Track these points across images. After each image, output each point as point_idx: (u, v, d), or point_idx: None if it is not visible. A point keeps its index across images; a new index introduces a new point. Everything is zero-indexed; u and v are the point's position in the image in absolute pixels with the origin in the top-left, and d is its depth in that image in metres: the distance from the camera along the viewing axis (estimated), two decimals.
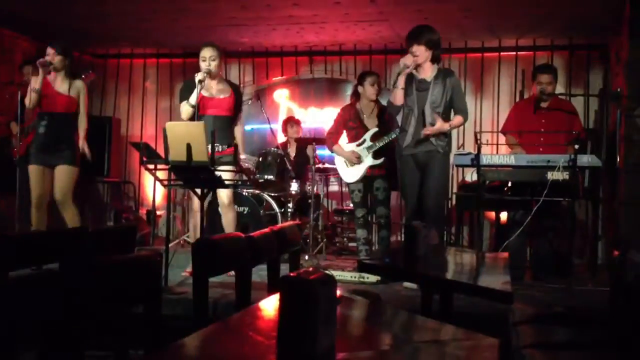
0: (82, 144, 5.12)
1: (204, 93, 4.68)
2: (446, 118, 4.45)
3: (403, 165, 4.60)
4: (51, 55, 5.02)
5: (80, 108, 5.14)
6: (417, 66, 4.47)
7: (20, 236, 3.01)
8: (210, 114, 4.67)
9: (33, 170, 5.03)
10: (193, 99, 4.57)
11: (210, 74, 4.62)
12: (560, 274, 4.61)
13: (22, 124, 5.43)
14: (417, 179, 4.53)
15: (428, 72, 4.50)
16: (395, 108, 4.59)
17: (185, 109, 4.65)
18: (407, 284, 4.35)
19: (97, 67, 8.15)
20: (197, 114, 4.52)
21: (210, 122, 4.50)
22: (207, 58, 4.66)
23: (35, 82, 4.96)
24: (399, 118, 4.86)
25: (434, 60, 4.50)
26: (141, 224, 7.25)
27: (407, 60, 4.39)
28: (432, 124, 4.39)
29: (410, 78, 4.51)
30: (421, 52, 4.41)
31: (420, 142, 4.46)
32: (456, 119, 4.50)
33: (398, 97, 4.48)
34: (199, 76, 4.52)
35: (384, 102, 5.58)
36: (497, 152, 5.38)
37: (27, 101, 5.00)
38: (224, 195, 4.69)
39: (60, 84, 5.08)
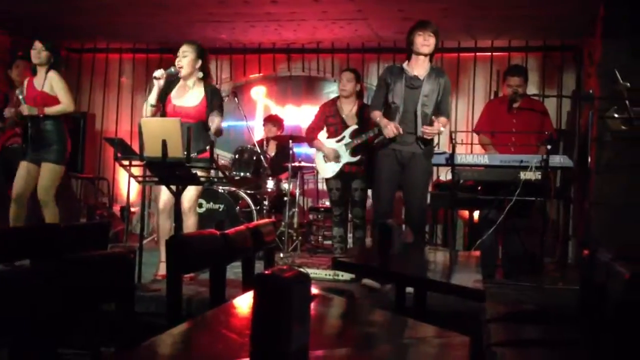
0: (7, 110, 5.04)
1: (174, 99, 4.54)
2: (432, 118, 4.44)
3: (382, 159, 4.48)
4: (37, 49, 4.97)
5: (58, 96, 5.03)
6: (409, 61, 4.42)
7: None
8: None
9: (22, 166, 5.01)
10: (152, 98, 4.44)
11: (177, 73, 4.48)
12: (531, 273, 4.67)
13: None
14: (395, 177, 4.45)
15: (422, 69, 4.43)
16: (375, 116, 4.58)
17: (146, 109, 4.47)
18: (366, 281, 4.34)
19: (72, 62, 8.06)
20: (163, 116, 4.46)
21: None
22: (180, 54, 4.52)
23: (19, 91, 4.99)
24: None
25: (431, 58, 4.45)
26: (115, 221, 7.17)
27: (392, 133, 4.33)
28: (430, 124, 4.36)
29: (400, 73, 4.43)
30: (431, 42, 4.35)
31: (406, 142, 4.39)
32: (444, 120, 4.45)
33: (374, 123, 4.57)
34: (156, 73, 4.39)
35: (365, 100, 5.63)
36: (471, 152, 5.44)
37: (21, 110, 4.99)
38: (185, 199, 4.47)
39: (40, 80, 5.03)
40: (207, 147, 4.45)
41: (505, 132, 5.09)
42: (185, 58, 4.51)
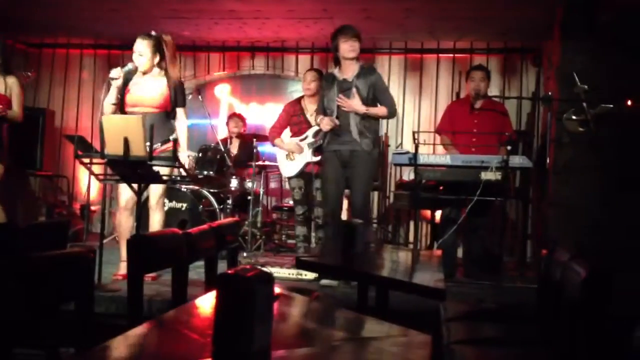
0: None
1: (132, 88, 4.46)
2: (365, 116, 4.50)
3: (326, 160, 4.63)
4: None
5: (13, 104, 4.95)
6: (339, 67, 4.53)
7: None
8: (137, 112, 4.34)
9: None
10: (112, 97, 4.37)
11: (135, 70, 4.41)
12: (491, 272, 4.74)
13: None
14: (340, 177, 4.55)
15: (350, 71, 4.51)
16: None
17: (106, 107, 4.38)
18: (324, 281, 4.38)
19: (31, 57, 7.90)
20: (123, 111, 4.41)
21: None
22: (136, 52, 4.42)
23: None
24: None
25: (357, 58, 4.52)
26: (74, 219, 7.05)
27: (328, 127, 4.48)
28: (366, 122, 4.48)
29: (333, 80, 4.55)
30: (357, 47, 4.46)
31: (345, 141, 4.48)
32: (379, 108, 4.53)
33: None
34: (112, 73, 4.31)
35: None
36: (434, 152, 5.50)
37: None
38: (151, 195, 4.47)
39: None
40: (171, 138, 4.43)
41: (466, 133, 5.16)
42: (142, 57, 4.42)
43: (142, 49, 4.42)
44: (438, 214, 5.48)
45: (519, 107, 7.03)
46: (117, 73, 4.32)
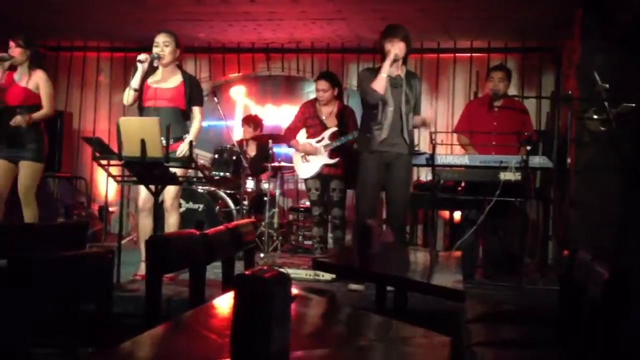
0: (21, 118, 4.84)
1: (150, 82, 4.50)
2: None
3: (369, 161, 4.37)
4: (12, 48, 4.90)
5: (42, 100, 4.98)
6: (393, 63, 4.34)
7: None
8: (152, 105, 4.44)
9: None
10: (135, 82, 4.42)
11: (160, 60, 4.45)
12: (511, 273, 4.70)
13: None
14: (381, 179, 4.40)
15: (400, 70, 4.43)
16: (376, 95, 4.27)
17: (127, 93, 4.44)
18: (352, 286, 4.31)
19: (49, 60, 7.95)
20: (140, 106, 4.45)
21: (153, 114, 4.30)
22: (160, 43, 4.48)
23: None
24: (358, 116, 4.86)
25: (405, 60, 4.45)
26: (93, 221, 7.10)
27: (398, 50, 4.26)
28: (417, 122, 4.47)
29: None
30: (402, 47, 4.31)
31: (394, 142, 4.35)
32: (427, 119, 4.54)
33: (382, 85, 4.23)
34: (140, 56, 4.36)
35: (347, 103, 5.62)
36: (451, 152, 5.46)
37: None
38: (166, 196, 4.46)
39: (21, 77, 4.95)
40: (184, 137, 4.45)
41: (484, 133, 5.12)
42: (168, 47, 4.48)
43: (168, 39, 4.50)
44: (456, 214, 5.44)
45: (538, 106, 6.97)
46: (144, 56, 4.38)
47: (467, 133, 5.29)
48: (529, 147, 4.60)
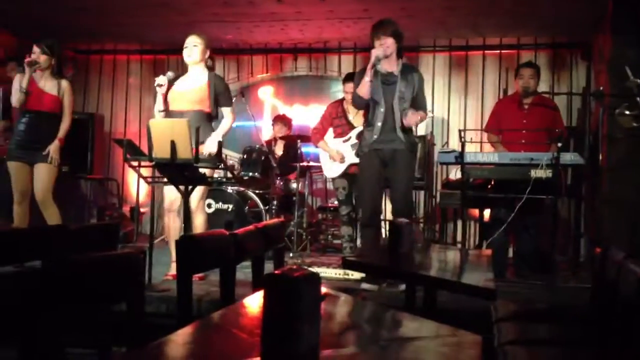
0: (54, 145, 4.96)
1: (176, 86, 4.55)
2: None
3: (365, 160, 4.40)
4: (37, 53, 4.98)
5: (64, 108, 5.07)
6: (385, 58, 4.29)
7: (1, 233, 2.98)
8: (177, 109, 4.47)
9: (13, 166, 4.98)
10: (159, 104, 4.49)
11: (176, 78, 4.52)
12: (542, 271, 4.65)
13: (8, 120, 5.43)
14: (380, 176, 4.38)
15: (394, 65, 4.36)
16: (361, 101, 4.33)
17: (156, 115, 4.53)
18: (365, 285, 4.29)
19: (80, 63, 8.09)
20: (167, 110, 4.50)
21: (179, 117, 4.29)
22: (190, 45, 4.53)
23: (23, 81, 4.92)
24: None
25: (399, 54, 4.37)
26: (125, 222, 7.20)
27: (379, 51, 4.20)
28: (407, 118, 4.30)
29: (375, 73, 4.34)
30: (390, 43, 4.25)
31: (388, 139, 4.31)
32: (422, 114, 4.37)
33: (366, 90, 4.24)
34: (158, 80, 4.40)
35: None
36: (481, 150, 5.41)
37: (13, 100, 4.98)
38: (193, 197, 4.40)
39: (45, 83, 5.02)
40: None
41: (515, 130, 5.07)
42: (197, 47, 4.54)
43: (198, 40, 4.56)
44: (486, 212, 5.39)
45: (569, 103, 6.87)
46: (162, 80, 4.41)
47: (497, 131, 5.24)
48: (559, 144, 4.54)
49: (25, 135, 4.98)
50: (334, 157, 5.52)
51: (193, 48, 4.53)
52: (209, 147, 4.36)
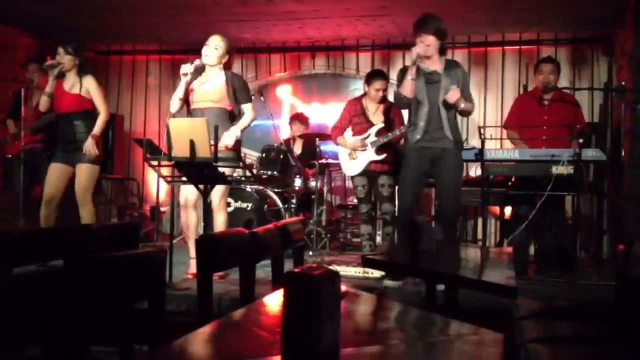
0: (88, 141, 5.00)
1: (195, 85, 4.54)
2: (454, 111, 4.33)
3: (411, 158, 4.35)
4: (61, 54, 5.03)
5: (96, 104, 5.11)
6: (426, 58, 4.27)
7: (24, 232, 3.01)
8: (197, 107, 4.48)
9: (54, 168, 5.04)
10: (180, 91, 4.46)
11: (203, 67, 4.49)
12: (564, 269, 4.60)
13: (24, 121, 5.47)
14: (423, 175, 4.35)
15: (437, 63, 4.31)
16: (404, 100, 4.29)
17: (173, 101, 4.51)
18: (388, 282, 4.28)
19: (100, 64, 8.16)
20: (187, 108, 4.50)
21: (199, 116, 4.31)
22: (212, 45, 4.51)
23: (47, 86, 4.99)
24: (404, 112, 4.78)
25: (442, 51, 4.33)
26: (145, 221, 7.25)
27: (420, 49, 4.15)
28: (454, 117, 4.30)
29: (418, 71, 4.28)
30: (431, 41, 4.21)
31: (435, 138, 4.27)
32: (469, 104, 4.30)
33: (409, 89, 4.20)
34: (183, 68, 4.39)
35: (390, 99, 5.57)
36: (501, 147, 5.37)
37: (40, 105, 5.06)
38: (214, 195, 4.46)
39: (71, 84, 5.07)
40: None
41: (535, 127, 5.01)
42: (217, 51, 4.50)
43: (219, 43, 4.51)
44: (507, 210, 5.35)
45: (590, 98, 6.79)
46: (187, 68, 4.40)
47: (517, 128, 5.19)
48: (581, 140, 4.48)
49: (62, 138, 5.06)
50: (356, 146, 5.49)
51: (213, 50, 4.50)
52: (226, 140, 4.36)
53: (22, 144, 5.55)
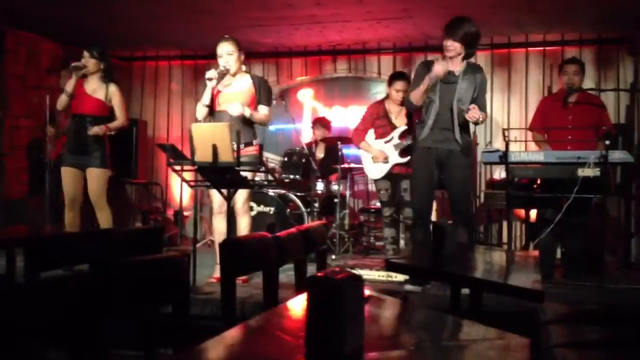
0: (101, 127, 5.03)
1: (220, 87, 4.54)
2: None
3: (418, 158, 4.37)
4: (86, 58, 5.09)
5: (116, 111, 5.16)
6: (447, 59, 4.26)
7: (51, 238, 3.05)
8: (223, 110, 4.46)
9: (65, 172, 5.09)
10: (206, 98, 4.46)
11: (227, 72, 4.49)
12: (591, 272, 4.53)
13: (55, 125, 5.55)
14: (433, 175, 4.33)
15: (457, 65, 4.30)
16: (412, 107, 4.38)
17: (199, 109, 4.52)
18: (408, 287, 4.25)
19: (123, 70, 8.25)
20: (214, 112, 4.52)
21: (226, 119, 4.33)
22: (224, 54, 4.49)
23: (68, 85, 5.03)
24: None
25: (466, 57, 4.32)
26: (169, 225, 7.30)
27: (440, 68, 4.14)
28: (465, 120, 4.25)
29: (433, 66, 4.25)
30: (455, 47, 4.20)
31: (443, 138, 4.28)
32: (484, 114, 4.28)
33: (419, 97, 4.26)
34: (208, 74, 4.39)
35: None
36: (525, 149, 5.31)
37: (58, 103, 5.09)
38: (236, 200, 4.48)
39: (92, 87, 5.13)
40: (253, 142, 4.49)
41: (560, 128, 4.95)
42: (232, 56, 4.49)
43: (230, 48, 4.50)
44: (532, 212, 5.29)
45: (616, 99, 6.70)
46: (212, 74, 4.40)
47: (541, 130, 5.13)
48: (607, 142, 4.42)
49: (74, 140, 5.09)
50: (377, 157, 5.48)
51: (228, 57, 4.49)
52: (232, 109, 4.37)
53: (58, 149, 5.62)
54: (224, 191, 4.03)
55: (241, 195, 4.49)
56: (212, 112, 4.56)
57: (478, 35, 4.30)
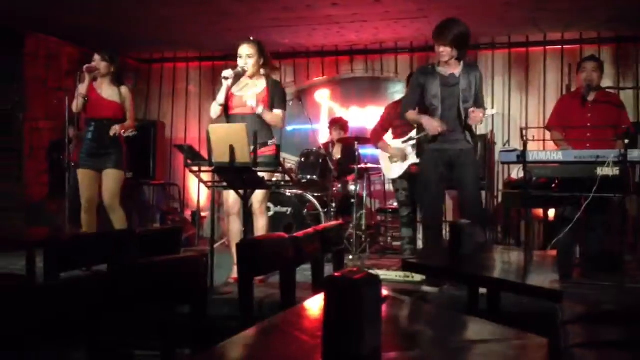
0: (120, 126, 5.11)
1: (235, 91, 4.58)
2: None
3: (428, 160, 4.41)
4: (97, 61, 5.14)
5: (127, 113, 5.23)
6: (444, 63, 4.29)
7: (70, 239, 3.08)
8: (238, 113, 4.51)
9: (82, 174, 5.14)
10: (221, 97, 4.49)
11: (243, 73, 4.51)
12: (610, 272, 4.48)
13: (77, 128, 5.61)
14: (442, 177, 4.36)
15: (456, 67, 4.32)
16: (405, 120, 4.62)
17: (214, 108, 4.55)
18: (426, 288, 4.25)
19: (142, 72, 8.31)
20: (227, 114, 4.54)
21: (240, 122, 4.33)
22: (244, 55, 4.52)
23: (82, 87, 5.08)
24: None
25: (460, 58, 4.32)
26: (186, 226, 7.34)
27: (431, 127, 4.26)
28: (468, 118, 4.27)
29: (433, 74, 4.34)
30: (448, 52, 4.22)
31: (452, 139, 4.30)
32: (483, 112, 4.31)
33: (412, 122, 4.63)
34: (224, 73, 4.42)
35: None
36: (544, 148, 5.27)
37: (73, 105, 5.13)
38: (254, 200, 4.52)
39: (105, 90, 5.18)
40: (270, 142, 4.50)
41: (579, 127, 4.91)
42: (251, 59, 4.52)
43: (250, 50, 4.53)
44: (551, 212, 5.24)
45: (635, 98, 6.63)
46: (229, 73, 4.44)
47: (560, 128, 5.09)
48: (627, 141, 4.37)
49: (92, 142, 5.15)
50: (396, 155, 5.47)
51: (247, 59, 4.52)
52: (251, 101, 4.43)
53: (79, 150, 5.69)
54: (241, 192, 4.05)
55: (259, 195, 4.51)
56: (227, 115, 4.58)
57: (467, 35, 4.28)
